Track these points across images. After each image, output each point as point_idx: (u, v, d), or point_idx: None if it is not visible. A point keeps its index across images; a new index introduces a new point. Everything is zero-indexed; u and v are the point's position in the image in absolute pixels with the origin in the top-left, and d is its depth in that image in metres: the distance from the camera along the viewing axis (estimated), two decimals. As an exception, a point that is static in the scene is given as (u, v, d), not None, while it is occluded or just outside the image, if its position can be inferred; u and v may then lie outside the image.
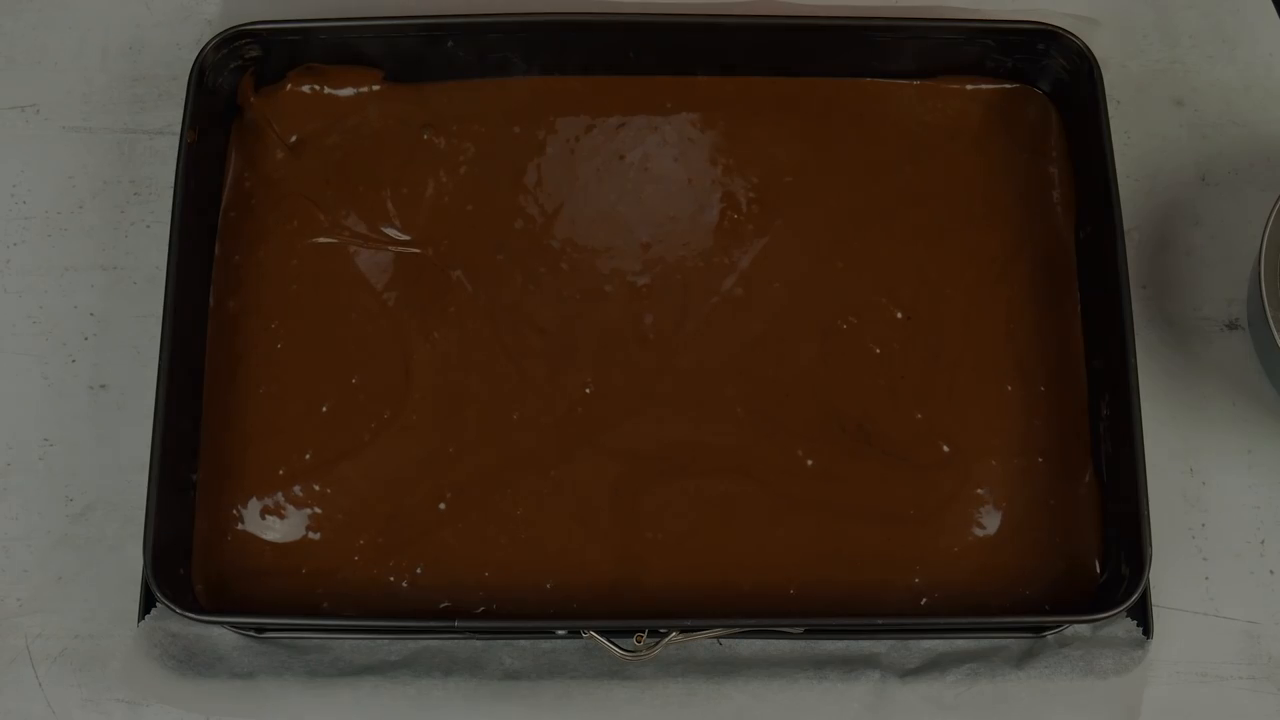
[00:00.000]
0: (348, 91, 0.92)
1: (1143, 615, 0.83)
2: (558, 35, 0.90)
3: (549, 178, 0.90)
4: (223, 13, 0.95)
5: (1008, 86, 0.92)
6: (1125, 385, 0.82)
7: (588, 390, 0.87)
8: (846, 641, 0.85)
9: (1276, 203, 0.85)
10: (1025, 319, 0.88)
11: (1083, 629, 0.84)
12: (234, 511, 0.85)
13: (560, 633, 0.82)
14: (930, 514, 0.85)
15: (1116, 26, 0.95)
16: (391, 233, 0.89)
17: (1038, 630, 0.84)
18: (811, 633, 0.84)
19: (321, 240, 0.89)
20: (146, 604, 0.83)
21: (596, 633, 0.80)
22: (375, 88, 0.92)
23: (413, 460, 0.85)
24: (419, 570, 0.84)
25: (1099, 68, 0.87)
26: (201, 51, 0.87)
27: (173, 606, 0.79)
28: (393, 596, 0.83)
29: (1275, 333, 0.83)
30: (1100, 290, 0.86)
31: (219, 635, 0.84)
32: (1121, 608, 0.79)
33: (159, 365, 0.82)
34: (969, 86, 0.92)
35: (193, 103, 0.86)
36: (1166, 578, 0.86)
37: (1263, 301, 0.83)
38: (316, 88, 0.92)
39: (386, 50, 0.91)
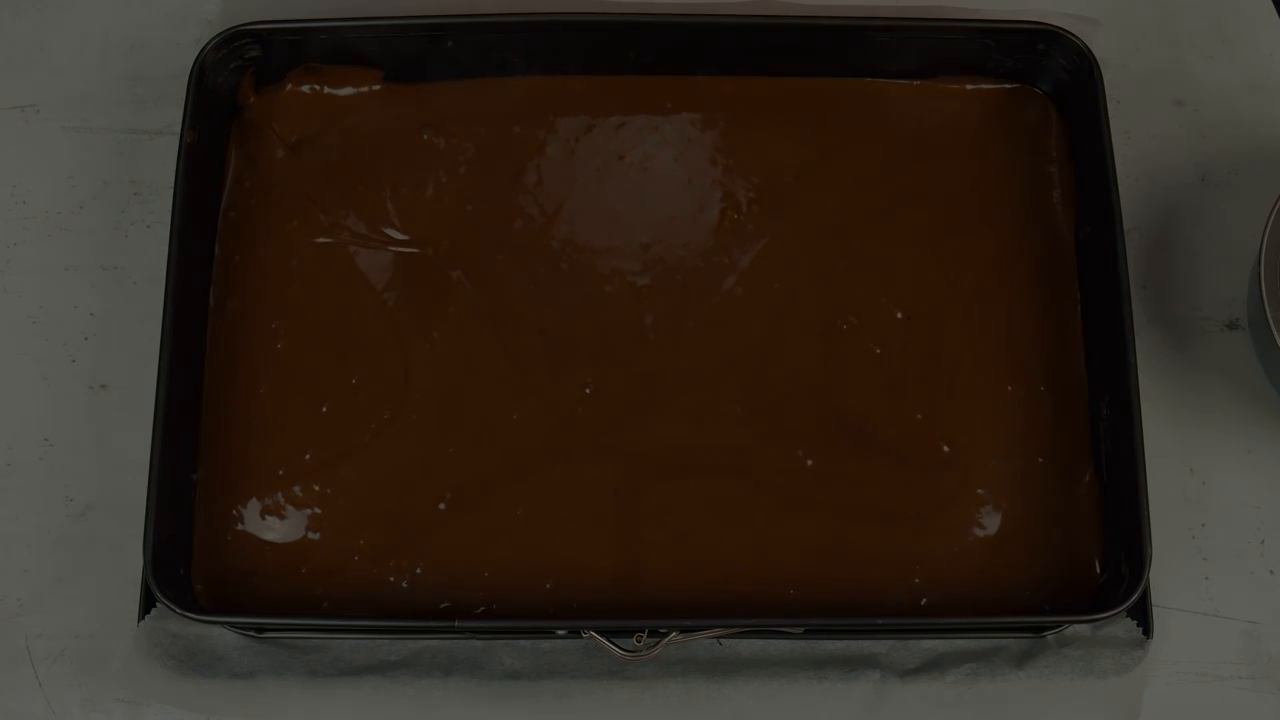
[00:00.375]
0: (347, 91, 0.92)
1: (1143, 615, 0.83)
2: (558, 35, 0.90)
3: (549, 178, 0.90)
4: (223, 13, 0.95)
5: (1008, 86, 0.92)
6: (1125, 385, 0.82)
7: (588, 390, 0.87)
8: (846, 641, 0.85)
9: (1276, 203, 0.85)
10: (1025, 319, 0.88)
11: (1083, 629, 0.84)
12: (234, 512, 0.85)
13: (560, 633, 0.82)
14: (930, 514, 0.85)
15: (1116, 26, 0.95)
16: (391, 233, 0.89)
17: (1038, 630, 0.84)
18: (811, 633, 0.84)
19: (321, 240, 0.89)
20: (146, 604, 0.83)
21: (596, 633, 0.80)
22: (375, 88, 0.92)
23: (413, 460, 0.85)
24: (419, 570, 0.84)
25: (1099, 68, 0.87)
26: (201, 51, 0.87)
27: (173, 607, 0.79)
28: (393, 596, 0.83)
29: (1275, 333, 0.83)
30: (1100, 290, 0.86)
31: (219, 635, 0.84)
32: (1121, 608, 0.79)
33: (159, 365, 0.82)
34: (969, 86, 0.92)
35: (193, 103, 0.86)
36: (1166, 578, 0.86)
37: (1263, 301, 0.83)
38: (316, 88, 0.91)
39: (386, 50, 0.90)
